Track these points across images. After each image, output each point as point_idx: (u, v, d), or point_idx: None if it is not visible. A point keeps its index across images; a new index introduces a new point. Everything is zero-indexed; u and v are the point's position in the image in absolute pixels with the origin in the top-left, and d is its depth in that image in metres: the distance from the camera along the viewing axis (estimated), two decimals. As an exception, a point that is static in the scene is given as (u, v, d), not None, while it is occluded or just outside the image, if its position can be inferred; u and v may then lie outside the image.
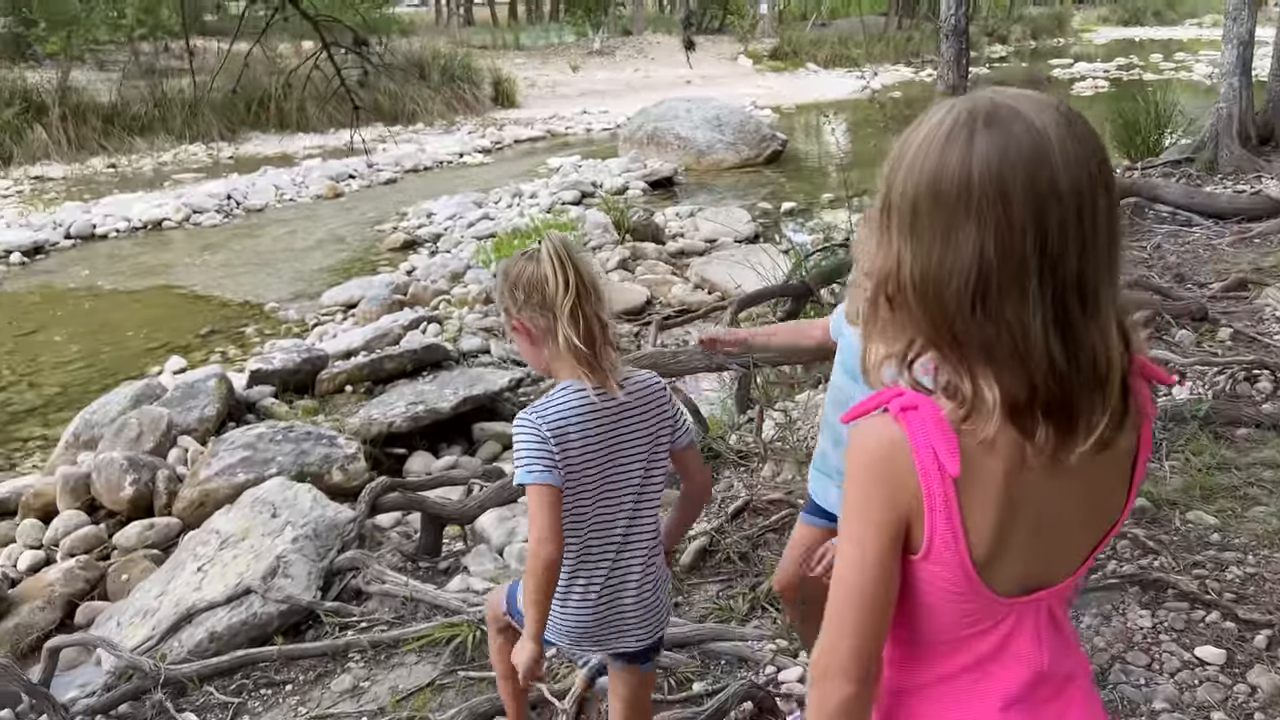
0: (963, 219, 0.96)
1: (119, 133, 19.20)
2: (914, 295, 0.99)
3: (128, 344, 8.58)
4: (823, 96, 27.41)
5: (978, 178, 0.95)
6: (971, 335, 0.97)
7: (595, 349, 1.83)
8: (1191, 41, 43.36)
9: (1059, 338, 0.95)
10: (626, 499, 1.91)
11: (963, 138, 0.96)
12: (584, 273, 1.83)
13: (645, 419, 1.91)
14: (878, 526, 1.05)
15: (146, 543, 5.13)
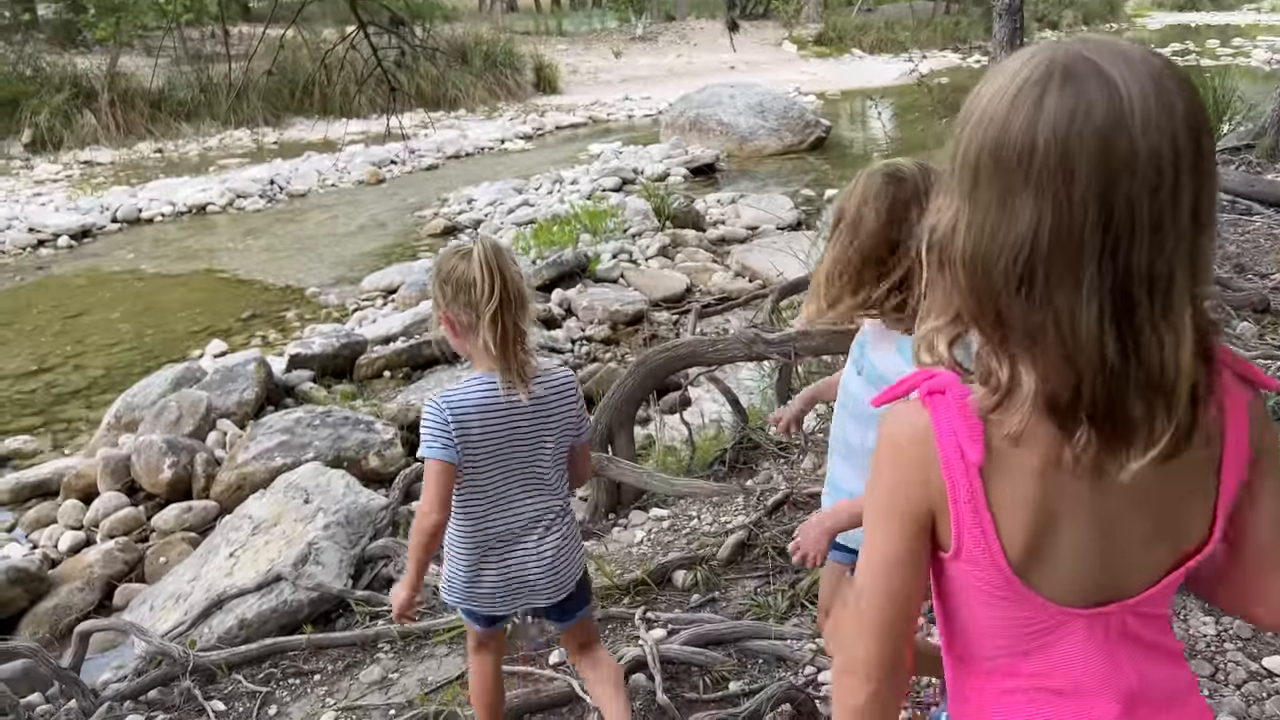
0: (1020, 188, 0.84)
1: (166, 118, 19.44)
2: (962, 266, 0.89)
3: (170, 327, 8.65)
4: (868, 82, 27.00)
5: (1041, 143, 0.83)
6: (1016, 318, 0.87)
7: (508, 353, 2.00)
8: (1250, 27, 42.20)
9: (1115, 334, 0.84)
10: (530, 483, 2.10)
11: (1033, 96, 0.84)
12: (510, 281, 1.98)
13: (554, 413, 2.09)
14: (901, 519, 0.99)
15: (184, 525, 5.15)
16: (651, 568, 3.13)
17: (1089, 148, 0.82)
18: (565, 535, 2.17)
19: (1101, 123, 0.82)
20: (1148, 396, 0.86)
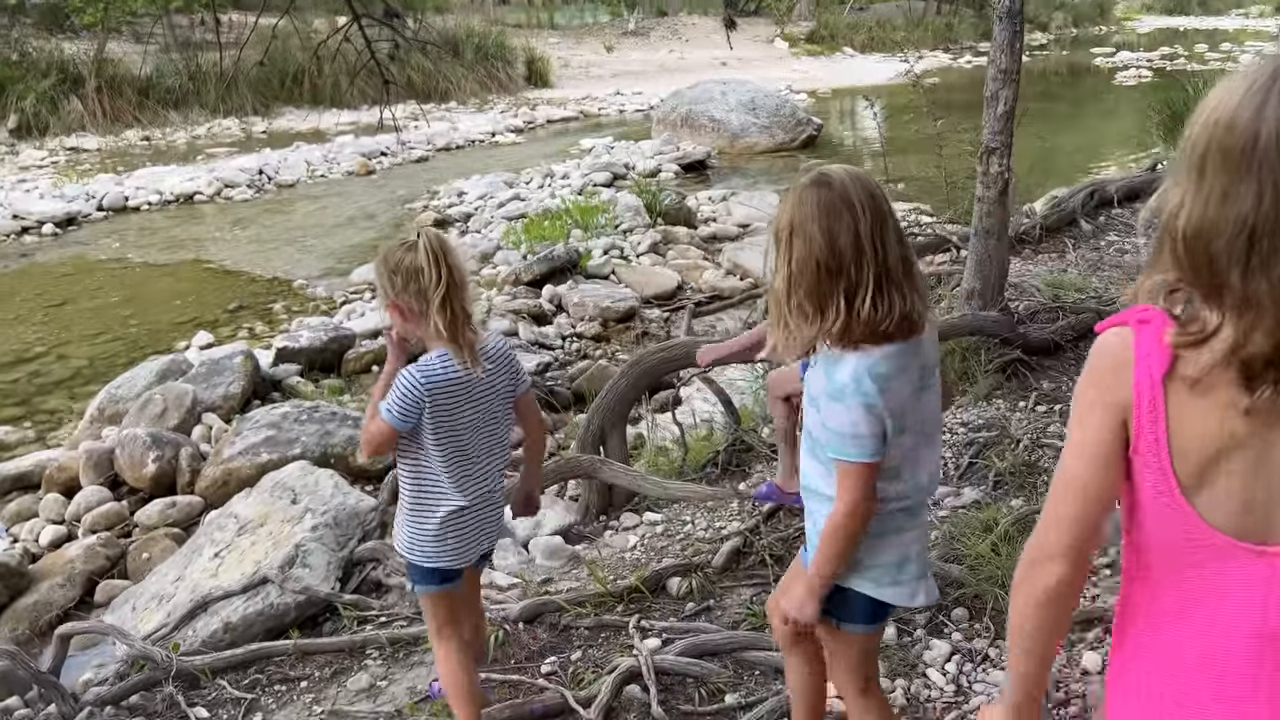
0: (1244, 175, 0.98)
1: (153, 105, 19.24)
2: (1183, 240, 1.02)
3: (156, 318, 8.54)
4: (859, 81, 26.98)
5: (1264, 136, 0.96)
6: (1233, 285, 0.99)
7: (458, 334, 2.19)
8: (1238, 32, 42.39)
9: None
10: (495, 445, 2.35)
11: (1260, 96, 0.98)
12: (455, 268, 2.16)
13: (500, 378, 2.32)
14: (1101, 410, 1.12)
15: (168, 521, 5.08)
16: (646, 575, 3.08)
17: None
18: (501, 488, 2.44)
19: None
20: None
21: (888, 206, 1.68)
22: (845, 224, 1.62)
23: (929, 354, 1.80)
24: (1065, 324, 4.84)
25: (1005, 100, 4.59)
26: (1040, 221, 7.20)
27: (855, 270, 1.63)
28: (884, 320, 1.65)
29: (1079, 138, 16.89)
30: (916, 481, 1.82)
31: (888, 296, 1.64)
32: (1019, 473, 3.61)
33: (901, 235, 1.69)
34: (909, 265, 1.69)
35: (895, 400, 1.69)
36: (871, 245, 1.63)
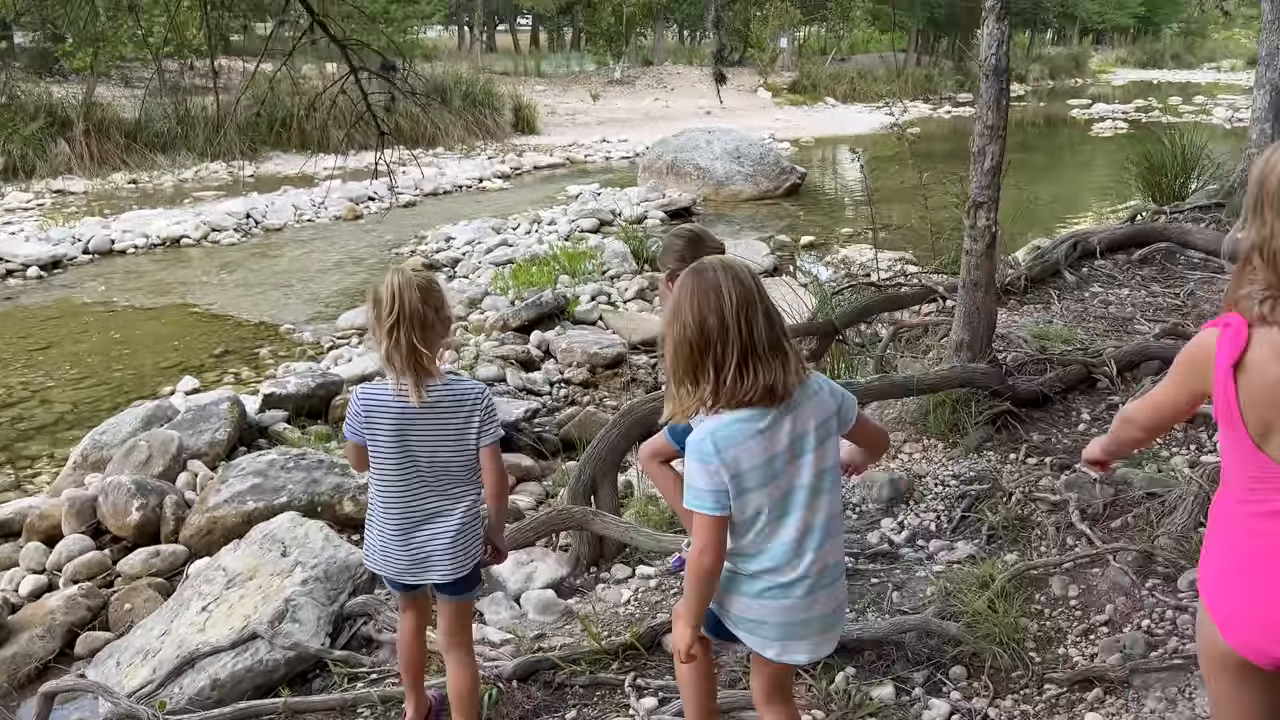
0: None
1: (141, 149, 19.30)
2: (1272, 261, 1.48)
3: (141, 362, 8.49)
4: (842, 131, 27.40)
5: None
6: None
7: (399, 362, 2.38)
8: (1210, 85, 43.39)
9: None
10: (433, 477, 2.48)
11: None
12: (409, 304, 2.35)
13: (449, 416, 2.45)
14: (1179, 385, 1.71)
15: (152, 570, 5.00)
16: (641, 631, 3.05)
17: None
18: (465, 525, 2.53)
19: None
20: None
21: (756, 292, 1.90)
22: (713, 308, 1.86)
23: (803, 424, 1.93)
24: (1053, 376, 4.87)
25: (992, 155, 4.67)
26: (1025, 272, 7.28)
27: (721, 347, 1.86)
28: (748, 390, 1.87)
29: (1058, 188, 17.16)
30: (772, 552, 1.94)
31: (751, 370, 1.86)
32: (1012, 526, 3.62)
33: (772, 316, 1.91)
34: (776, 342, 1.89)
35: (739, 462, 1.88)
36: (737, 326, 1.86)
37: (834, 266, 11.32)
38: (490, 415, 2.49)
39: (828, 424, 1.97)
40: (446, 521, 2.52)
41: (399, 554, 2.55)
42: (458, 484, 2.53)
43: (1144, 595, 3.00)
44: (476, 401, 2.48)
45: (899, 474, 4.15)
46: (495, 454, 2.53)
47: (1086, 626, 2.95)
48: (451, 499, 2.52)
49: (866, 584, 3.41)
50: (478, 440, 2.49)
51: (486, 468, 2.53)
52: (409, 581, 2.61)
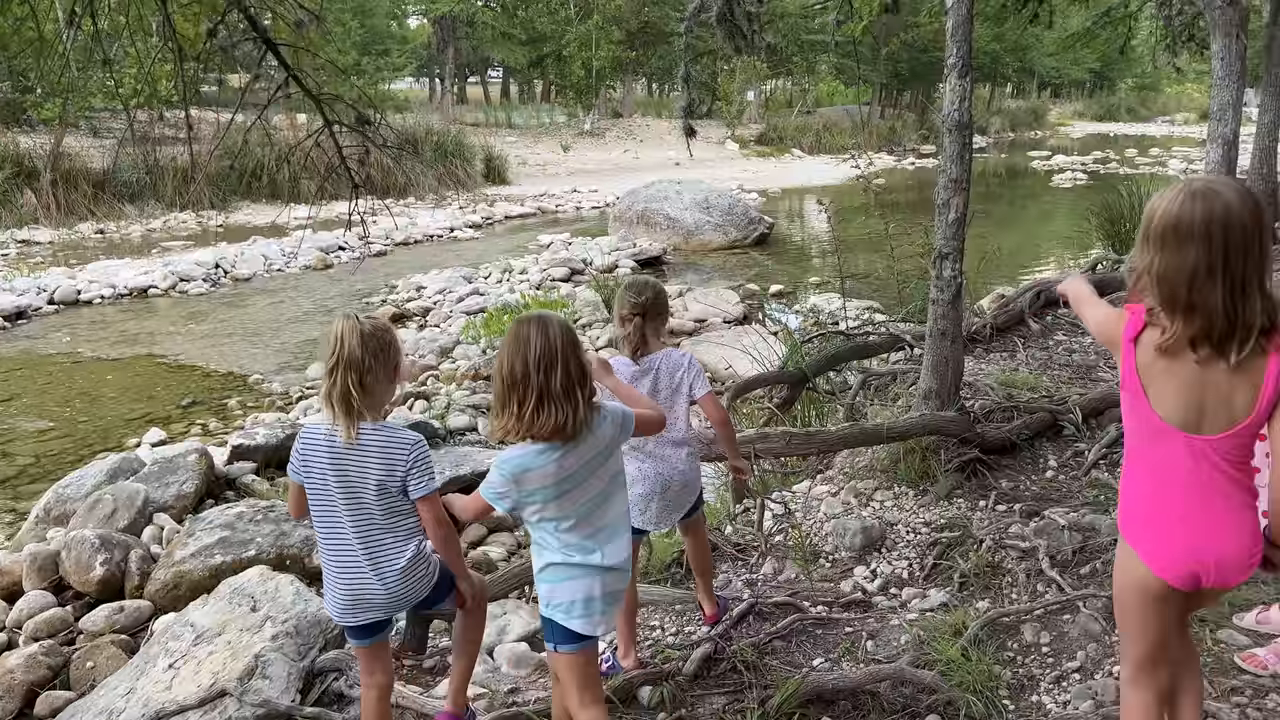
0: (1187, 243, 1.87)
1: (109, 199, 19.21)
2: (1158, 281, 1.90)
3: (107, 414, 8.38)
4: (808, 181, 27.84)
5: (1192, 221, 1.87)
6: (1183, 301, 1.87)
7: (334, 403, 2.45)
8: (1164, 138, 44.60)
9: (1232, 306, 1.85)
10: (360, 517, 2.51)
11: (1184, 200, 1.90)
12: (349, 349, 2.43)
13: (375, 460, 2.48)
14: (1112, 315, 2.06)
15: (115, 627, 4.89)
16: (616, 684, 3.03)
17: (1218, 222, 1.86)
18: (400, 566, 2.56)
19: (1219, 212, 1.86)
20: (1240, 335, 1.86)
21: (560, 346, 2.29)
22: (521, 355, 2.27)
23: (589, 453, 2.39)
24: (1020, 423, 4.94)
25: (956, 208, 4.78)
26: (990, 321, 7.40)
27: (523, 388, 2.27)
28: (541, 427, 2.28)
29: (1021, 238, 17.50)
30: (582, 544, 2.43)
31: (546, 410, 2.27)
32: (983, 574, 3.65)
33: (570, 367, 2.29)
34: (570, 390, 2.29)
35: (527, 484, 2.35)
36: (538, 372, 2.26)
37: (803, 315, 11.44)
38: (421, 468, 2.50)
39: (609, 448, 2.45)
40: (383, 568, 2.56)
41: (337, 593, 2.61)
42: (383, 531, 2.55)
43: (1114, 642, 3.03)
44: (405, 452, 2.49)
45: (871, 522, 4.18)
46: (429, 505, 2.52)
47: (1059, 673, 2.97)
48: (376, 545, 2.55)
49: (841, 633, 3.41)
50: (407, 492, 2.51)
51: (424, 519, 2.54)
52: (349, 622, 2.65)
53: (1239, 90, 9.94)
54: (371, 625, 2.67)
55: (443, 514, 2.56)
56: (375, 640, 2.71)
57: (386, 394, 2.57)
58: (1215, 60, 9.87)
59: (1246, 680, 2.77)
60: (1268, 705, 2.65)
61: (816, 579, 3.93)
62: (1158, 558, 1.98)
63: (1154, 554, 1.98)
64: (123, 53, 12.94)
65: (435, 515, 2.53)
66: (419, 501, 2.52)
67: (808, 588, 3.81)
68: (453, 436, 7.49)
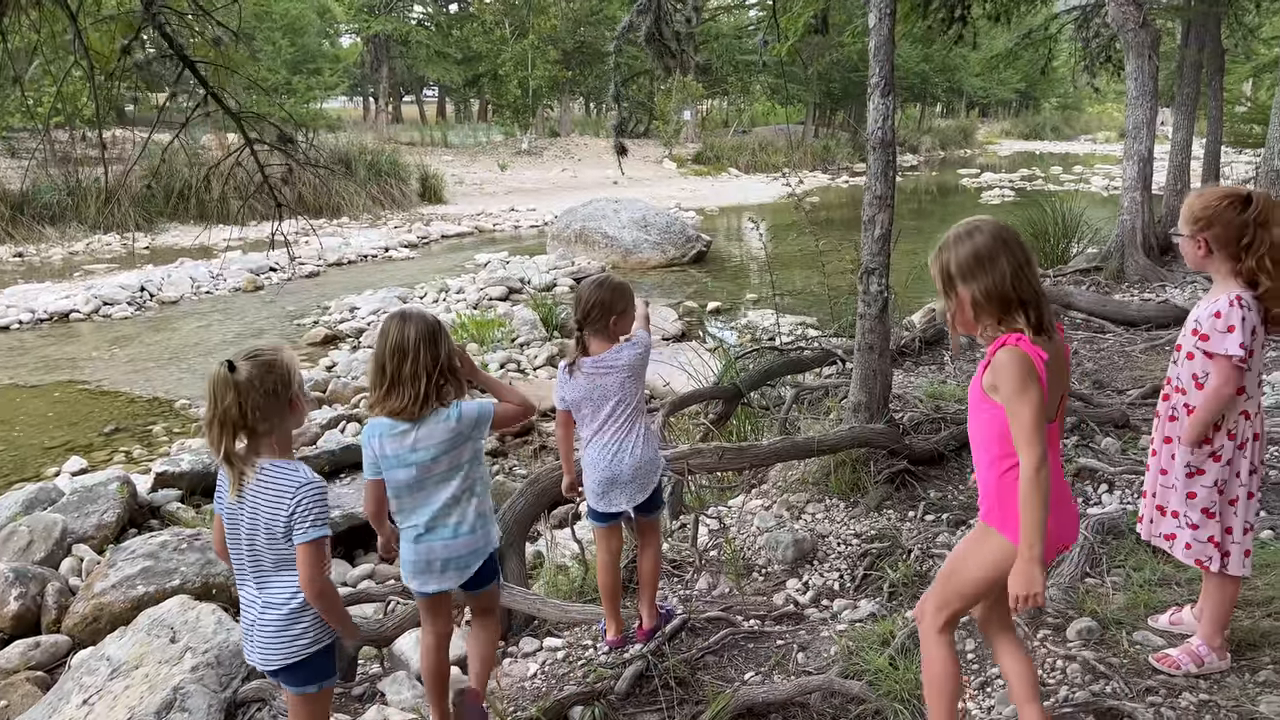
0: (991, 266, 2.20)
1: (28, 221, 18.65)
2: (986, 299, 2.20)
3: (24, 443, 8.09)
4: (744, 200, 28.14)
5: (984, 248, 2.22)
6: (1018, 309, 2.18)
7: (218, 454, 2.38)
8: (1087, 156, 46.04)
9: (1025, 311, 2.18)
10: (250, 565, 2.47)
11: (964, 233, 2.28)
12: (220, 404, 2.34)
13: (260, 508, 2.41)
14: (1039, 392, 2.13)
15: (30, 663, 4.72)
16: (547, 705, 3.00)
17: (999, 246, 2.21)
18: (284, 616, 2.46)
19: (993, 235, 2.24)
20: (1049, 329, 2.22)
21: (412, 340, 2.65)
22: (380, 345, 2.69)
23: (430, 437, 2.71)
24: (948, 434, 5.03)
25: (881, 224, 4.87)
26: (919, 335, 7.55)
27: (382, 375, 2.68)
28: (390, 406, 2.68)
29: (951, 253, 17.87)
30: (409, 514, 2.79)
31: (395, 394, 2.67)
32: (912, 583, 3.70)
33: (418, 361, 2.65)
34: (414, 377, 2.66)
35: (383, 449, 2.72)
36: (392, 361, 2.65)
37: (739, 331, 11.53)
38: (306, 511, 2.37)
39: (454, 439, 2.74)
40: (265, 609, 2.46)
41: (243, 628, 2.56)
42: (272, 573, 2.44)
43: (1036, 646, 3.09)
44: (292, 495, 2.37)
45: (803, 534, 4.21)
46: (308, 552, 2.38)
47: (984, 679, 3.01)
48: (264, 585, 2.46)
49: (772, 645, 3.43)
50: (287, 535, 2.39)
51: (299, 567, 2.40)
52: (250, 661, 2.57)
53: (1153, 109, 10.32)
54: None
55: (318, 570, 2.41)
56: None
57: (287, 427, 2.45)
58: (1130, 81, 10.24)
59: (1161, 680, 2.84)
60: (1181, 704, 2.72)
61: (749, 593, 3.94)
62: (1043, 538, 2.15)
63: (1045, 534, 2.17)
64: (41, 71, 12.60)
65: (310, 569, 2.39)
66: (298, 548, 2.38)
67: (740, 602, 3.82)
68: (386, 459, 7.37)
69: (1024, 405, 2.10)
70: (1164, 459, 2.88)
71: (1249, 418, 2.74)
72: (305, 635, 2.48)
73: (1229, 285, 2.71)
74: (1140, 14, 9.91)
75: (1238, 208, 2.67)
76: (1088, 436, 5.12)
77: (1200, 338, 2.73)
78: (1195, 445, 2.75)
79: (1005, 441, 2.18)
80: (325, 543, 2.41)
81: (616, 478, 3.26)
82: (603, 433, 3.25)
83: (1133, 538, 3.55)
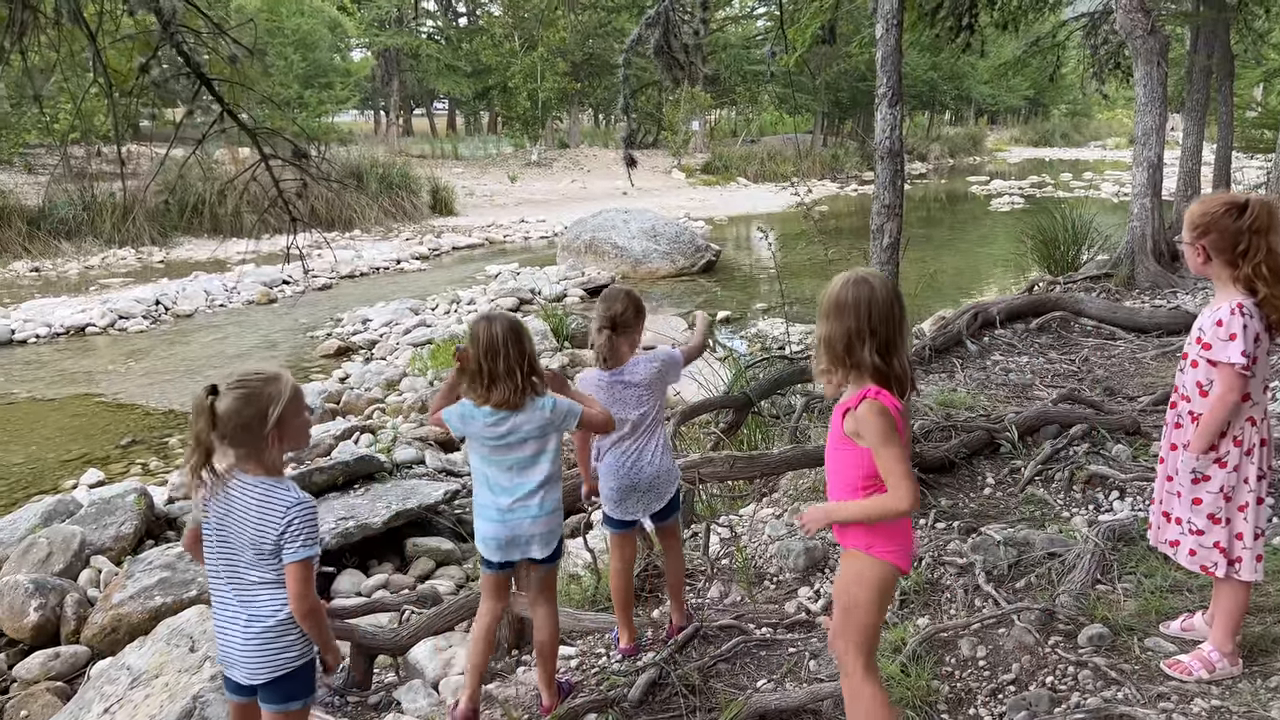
0: (843, 313, 2.32)
1: (45, 236, 18.83)
2: (839, 344, 2.35)
3: (42, 456, 8.18)
4: (753, 209, 28.19)
5: (850, 299, 2.32)
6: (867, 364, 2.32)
7: (189, 467, 2.39)
8: (1097, 162, 45.92)
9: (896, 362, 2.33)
10: (231, 576, 2.47)
11: (844, 284, 2.36)
12: (194, 429, 2.36)
13: (245, 523, 2.41)
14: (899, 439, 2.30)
15: (50, 674, 4.78)
16: (561, 713, 3.03)
17: (872, 301, 2.31)
18: (267, 629, 2.46)
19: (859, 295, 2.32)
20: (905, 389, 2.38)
21: (500, 339, 2.92)
22: (476, 344, 2.94)
23: (525, 424, 2.98)
24: (958, 441, 5.05)
25: (890, 233, 4.89)
26: (929, 343, 7.56)
27: (481, 373, 2.94)
28: (497, 397, 2.93)
29: (960, 261, 17.88)
30: (493, 497, 3.05)
31: (496, 387, 2.93)
32: (923, 590, 3.71)
33: (510, 356, 2.92)
34: (510, 372, 2.92)
35: (470, 429, 3.01)
36: (487, 359, 2.92)
37: (749, 340, 11.56)
38: (297, 531, 2.38)
39: (545, 427, 3.00)
40: (248, 621, 2.46)
41: (218, 640, 2.56)
42: (254, 586, 2.45)
43: (1047, 653, 3.11)
44: (283, 515, 2.38)
45: (814, 543, 4.23)
46: (297, 572, 2.39)
47: (995, 686, 3.03)
48: (249, 599, 2.46)
49: (784, 653, 3.45)
50: (265, 549, 2.40)
51: (289, 586, 2.41)
52: (228, 674, 2.55)
53: (1162, 115, 10.32)
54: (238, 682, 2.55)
55: (308, 588, 2.42)
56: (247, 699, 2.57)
57: (270, 455, 2.42)
58: (1138, 87, 10.24)
59: (1173, 686, 2.85)
60: (1193, 710, 2.73)
61: (761, 601, 3.96)
62: (904, 556, 2.40)
63: (902, 552, 2.40)
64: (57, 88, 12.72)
65: (299, 587, 2.40)
66: (287, 566, 2.39)
67: (752, 610, 3.84)
68: (400, 470, 7.42)
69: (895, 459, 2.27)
70: (1170, 465, 2.90)
71: (1255, 424, 2.76)
72: (292, 648, 2.49)
73: (1230, 292, 2.74)
74: (1148, 21, 9.92)
75: (1234, 214, 2.69)
76: (1099, 443, 5.13)
77: (1203, 346, 2.75)
78: (1202, 453, 2.77)
79: (868, 478, 2.33)
80: (314, 562, 2.42)
81: (635, 486, 3.34)
82: (622, 441, 3.34)
83: (1144, 544, 3.56)
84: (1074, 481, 4.66)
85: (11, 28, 4.10)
